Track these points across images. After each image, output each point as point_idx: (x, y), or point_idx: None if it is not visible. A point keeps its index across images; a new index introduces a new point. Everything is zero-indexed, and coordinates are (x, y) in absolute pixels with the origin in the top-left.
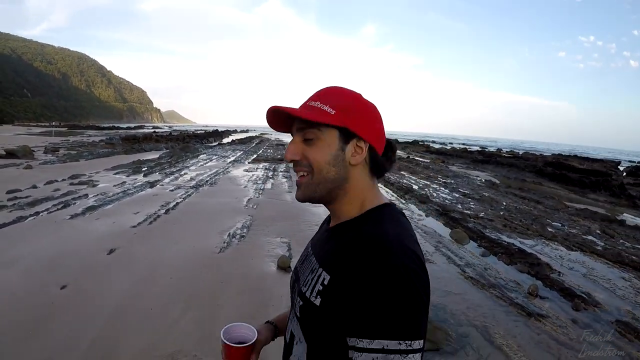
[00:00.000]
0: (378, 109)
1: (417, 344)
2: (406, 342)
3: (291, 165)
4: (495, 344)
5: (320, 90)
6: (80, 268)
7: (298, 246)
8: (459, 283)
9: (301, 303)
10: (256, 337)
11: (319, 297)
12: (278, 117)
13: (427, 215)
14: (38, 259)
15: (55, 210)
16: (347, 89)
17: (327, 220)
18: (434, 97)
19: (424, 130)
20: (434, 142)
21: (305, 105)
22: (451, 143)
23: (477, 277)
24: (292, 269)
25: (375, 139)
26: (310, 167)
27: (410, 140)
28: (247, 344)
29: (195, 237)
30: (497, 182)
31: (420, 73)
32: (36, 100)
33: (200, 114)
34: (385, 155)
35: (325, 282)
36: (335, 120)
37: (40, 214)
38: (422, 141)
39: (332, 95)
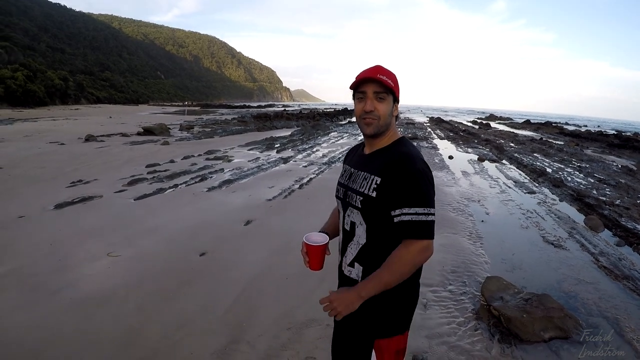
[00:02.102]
0: None
1: (433, 210)
2: (427, 208)
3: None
4: (625, 338)
5: (379, 67)
6: (218, 237)
7: None
8: (591, 272)
9: (361, 198)
10: (327, 240)
11: (374, 191)
12: (361, 80)
13: (560, 200)
14: (178, 228)
15: (193, 183)
16: (391, 71)
17: (355, 150)
18: (565, 75)
19: (553, 111)
20: (567, 123)
21: (377, 76)
22: (585, 125)
23: (611, 267)
24: (338, 186)
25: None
26: (378, 116)
27: (543, 122)
28: (322, 243)
29: (328, 212)
30: (635, 168)
31: (551, 50)
32: (169, 81)
33: (329, 92)
34: None
35: (378, 182)
36: (394, 89)
37: (179, 187)
38: (555, 123)
39: (388, 74)
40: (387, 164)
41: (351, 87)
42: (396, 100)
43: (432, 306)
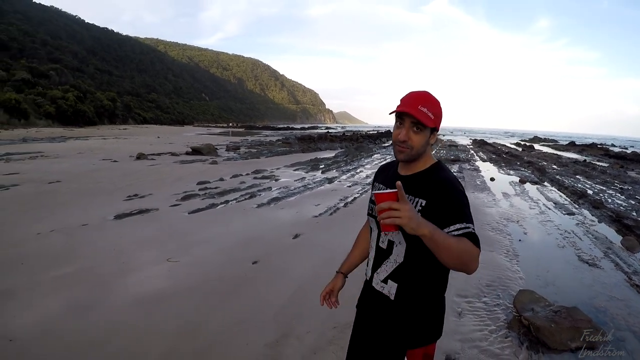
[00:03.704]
0: None
1: (472, 226)
2: (468, 224)
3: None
4: None
5: (424, 95)
6: (269, 248)
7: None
8: (623, 289)
9: None
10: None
11: (419, 213)
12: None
13: (599, 222)
14: (231, 239)
15: (243, 200)
16: (437, 99)
17: (387, 169)
18: (610, 94)
19: (597, 131)
20: (612, 145)
21: (418, 110)
22: (632, 146)
23: None
24: (371, 204)
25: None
26: (412, 147)
27: (588, 143)
28: (392, 190)
29: None
30: None
31: (594, 69)
32: (214, 102)
33: (372, 114)
34: None
35: (423, 204)
36: (433, 123)
37: (230, 203)
38: (600, 144)
39: (431, 104)
40: (431, 188)
41: (390, 114)
42: (435, 130)
43: (467, 315)
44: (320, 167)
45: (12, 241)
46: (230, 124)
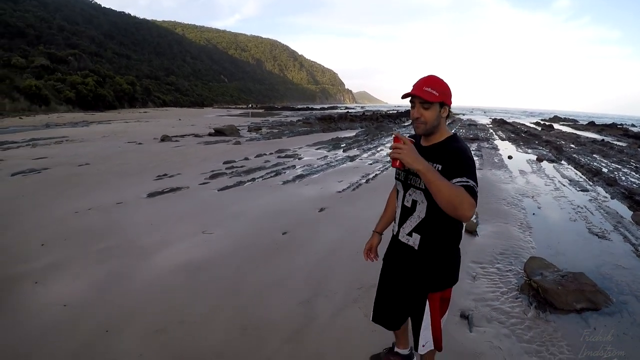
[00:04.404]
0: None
1: (472, 182)
2: (469, 179)
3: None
4: None
5: (429, 79)
6: (297, 221)
7: (484, 214)
8: (630, 259)
9: None
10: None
11: None
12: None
13: (612, 198)
14: (260, 213)
15: (269, 177)
16: (442, 79)
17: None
18: (634, 74)
19: (620, 112)
20: (633, 125)
21: (423, 90)
22: None
23: None
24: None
25: (450, 103)
26: (425, 122)
27: (608, 123)
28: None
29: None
30: None
31: (617, 49)
32: (233, 84)
33: (391, 94)
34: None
35: (440, 169)
36: (439, 99)
37: (256, 180)
38: (620, 124)
39: (435, 83)
40: (445, 155)
41: (402, 98)
42: (444, 105)
43: (480, 278)
44: (342, 146)
45: (53, 219)
46: (250, 105)
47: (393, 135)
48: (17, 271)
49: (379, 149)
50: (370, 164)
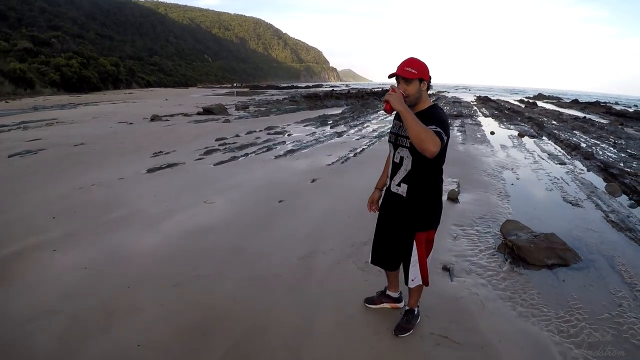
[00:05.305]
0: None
1: (443, 132)
2: (439, 128)
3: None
4: (615, 269)
5: (409, 60)
6: (291, 190)
7: (465, 184)
8: (600, 224)
9: (410, 140)
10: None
11: None
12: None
13: (588, 170)
14: (256, 184)
15: (261, 152)
16: (419, 60)
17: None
18: (621, 54)
19: (606, 91)
20: (616, 103)
21: (404, 70)
22: (635, 105)
23: (618, 221)
24: (390, 134)
25: (428, 79)
26: (408, 95)
27: (592, 101)
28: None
29: (379, 172)
30: None
31: (606, 28)
32: (217, 63)
33: (377, 72)
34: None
35: None
36: (417, 76)
37: (249, 155)
38: (604, 102)
39: (413, 64)
40: (426, 118)
41: (389, 77)
42: (423, 80)
43: (461, 238)
44: (329, 122)
45: (59, 196)
46: (235, 84)
47: (390, 87)
48: (33, 241)
49: (365, 125)
50: (358, 139)
